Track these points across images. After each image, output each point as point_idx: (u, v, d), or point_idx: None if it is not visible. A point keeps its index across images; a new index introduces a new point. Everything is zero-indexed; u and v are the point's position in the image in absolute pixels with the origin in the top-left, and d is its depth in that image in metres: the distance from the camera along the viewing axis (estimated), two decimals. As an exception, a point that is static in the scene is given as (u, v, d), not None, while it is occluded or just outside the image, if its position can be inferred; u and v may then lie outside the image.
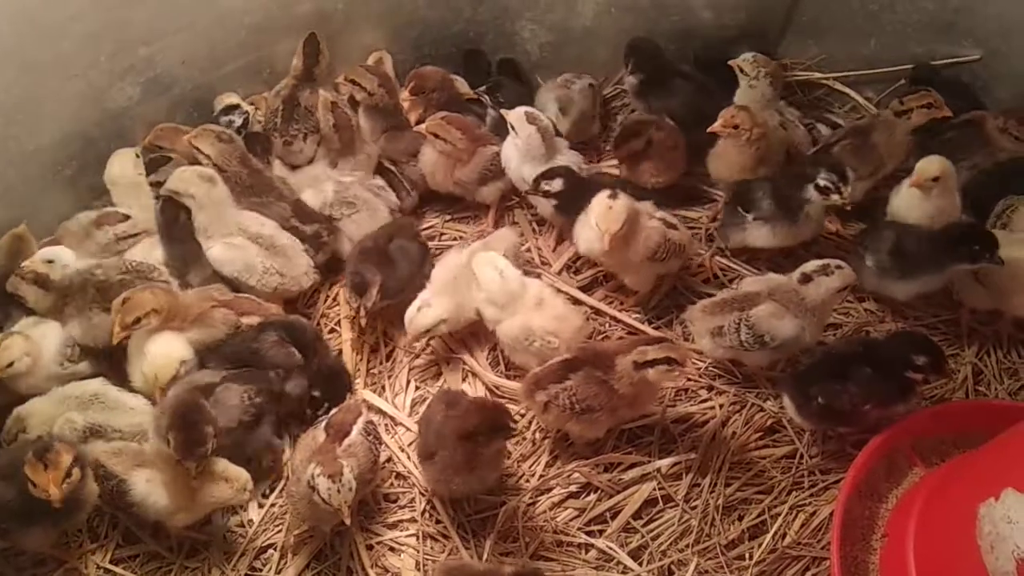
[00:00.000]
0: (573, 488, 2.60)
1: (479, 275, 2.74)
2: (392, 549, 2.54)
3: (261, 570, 2.52)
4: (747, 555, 2.49)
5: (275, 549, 2.53)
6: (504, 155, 3.14)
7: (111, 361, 2.77)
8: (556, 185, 2.97)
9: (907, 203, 2.93)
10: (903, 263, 2.81)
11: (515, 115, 3.05)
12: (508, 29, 3.55)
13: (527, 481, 2.62)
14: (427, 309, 2.76)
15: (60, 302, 2.74)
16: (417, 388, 2.88)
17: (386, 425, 2.77)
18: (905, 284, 2.84)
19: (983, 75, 3.41)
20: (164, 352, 2.61)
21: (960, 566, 2.04)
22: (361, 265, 2.84)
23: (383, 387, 2.87)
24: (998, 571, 1.91)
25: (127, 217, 2.98)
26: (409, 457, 2.68)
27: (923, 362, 2.46)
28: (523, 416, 2.74)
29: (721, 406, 2.77)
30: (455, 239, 3.24)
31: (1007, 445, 2.15)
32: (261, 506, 2.62)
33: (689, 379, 2.83)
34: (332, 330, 3.03)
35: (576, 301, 3.02)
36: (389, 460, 2.69)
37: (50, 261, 2.72)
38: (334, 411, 2.50)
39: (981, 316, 2.92)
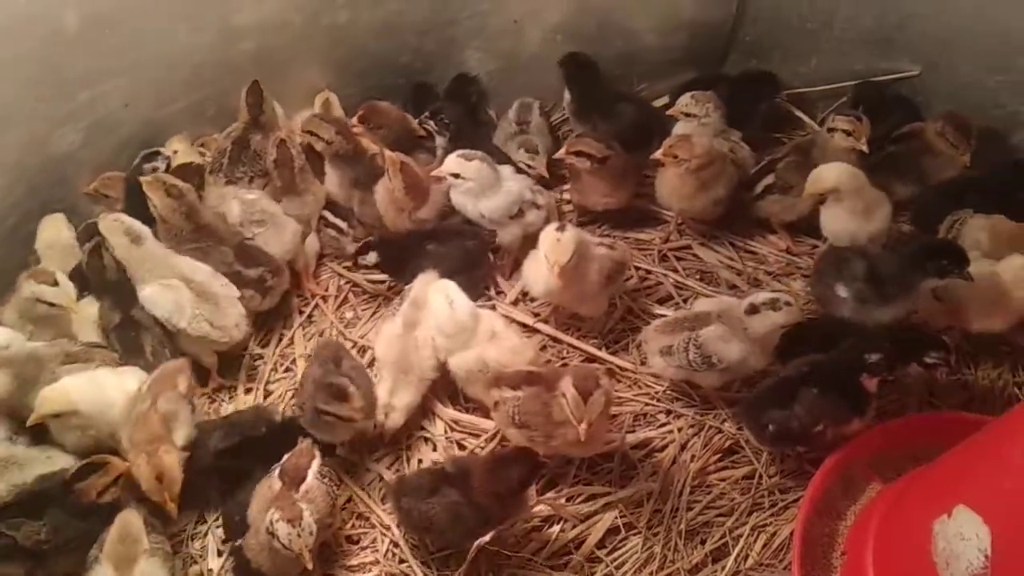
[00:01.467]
0: (536, 521, 2.59)
1: (431, 304, 2.75)
2: (356, 591, 2.52)
3: (222, 620, 2.48)
4: (711, 579, 2.50)
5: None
6: (458, 204, 3.13)
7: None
8: (371, 259, 3.05)
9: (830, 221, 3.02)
10: (882, 288, 2.78)
11: (453, 163, 3.04)
12: (455, 59, 3.56)
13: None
14: (394, 414, 2.71)
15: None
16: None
17: (346, 464, 2.75)
18: (888, 309, 2.79)
19: (923, 90, 3.48)
20: (72, 388, 2.54)
21: (918, 582, 2.06)
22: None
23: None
24: (954, 587, 1.93)
25: (56, 283, 2.77)
26: (370, 496, 2.66)
27: (875, 359, 2.47)
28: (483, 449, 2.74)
29: (680, 429, 2.78)
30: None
31: (957, 461, 2.18)
32: (220, 554, 2.58)
33: (647, 403, 2.85)
34: (288, 368, 3.02)
35: (532, 330, 3.04)
36: (350, 500, 2.66)
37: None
38: (286, 457, 2.45)
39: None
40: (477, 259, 3.11)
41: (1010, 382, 2.87)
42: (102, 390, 2.58)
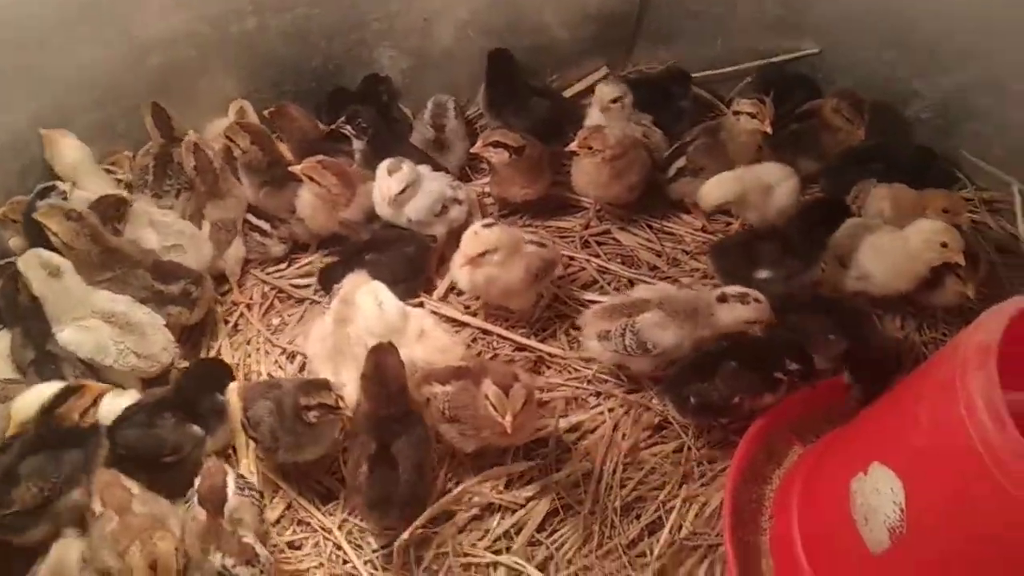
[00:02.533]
0: (475, 511, 2.64)
1: (361, 306, 2.76)
2: (303, 597, 2.54)
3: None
4: (648, 551, 2.58)
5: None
6: (382, 210, 3.15)
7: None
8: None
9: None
10: (799, 260, 2.91)
11: (388, 175, 3.05)
12: (367, 58, 3.56)
13: (429, 510, 2.64)
14: (346, 389, 2.67)
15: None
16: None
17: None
18: (809, 272, 2.94)
19: (823, 68, 3.63)
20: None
21: (840, 538, 2.16)
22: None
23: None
24: (873, 541, 2.04)
25: None
26: (310, 501, 2.68)
27: (794, 368, 2.58)
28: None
29: (610, 410, 2.85)
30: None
31: (870, 421, 2.29)
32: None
33: (578, 387, 2.92)
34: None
35: (462, 324, 3.08)
36: (289, 507, 2.67)
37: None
38: (197, 481, 2.35)
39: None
40: (418, 266, 3.13)
41: (917, 341, 3.02)
42: None
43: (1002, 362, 1.76)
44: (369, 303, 2.75)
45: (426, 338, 2.76)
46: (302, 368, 2.93)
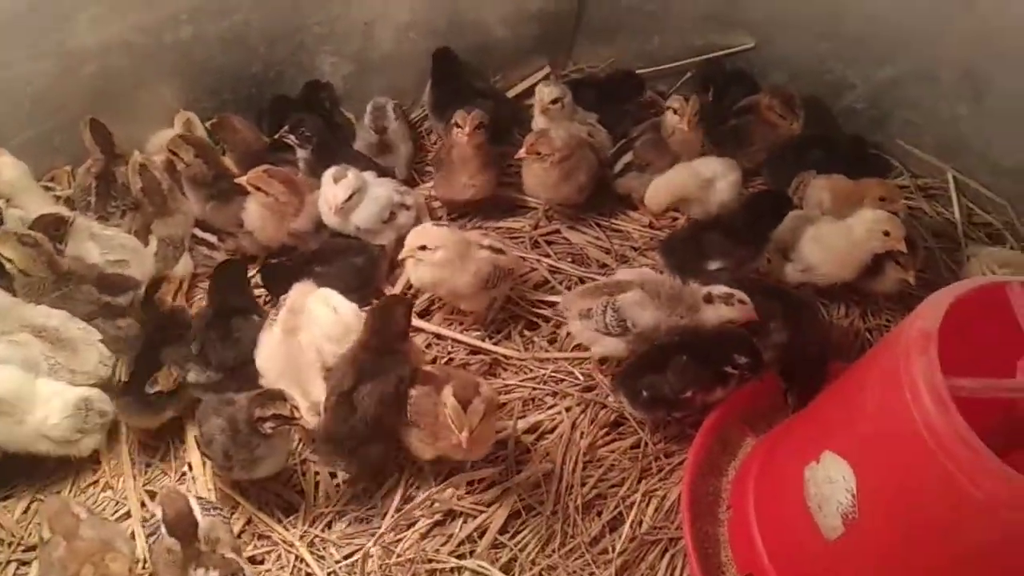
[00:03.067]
0: (438, 517, 2.64)
1: (314, 315, 2.75)
2: (268, 611, 2.52)
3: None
4: (610, 548, 2.61)
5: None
6: (329, 220, 3.12)
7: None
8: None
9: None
10: (746, 249, 2.98)
11: (333, 183, 3.03)
12: (308, 64, 3.54)
13: (392, 517, 2.65)
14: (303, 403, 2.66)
15: None
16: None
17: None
18: (757, 259, 3.03)
19: (759, 62, 3.70)
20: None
21: (796, 526, 2.21)
22: None
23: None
24: (827, 527, 2.09)
25: None
26: (270, 515, 2.66)
27: (743, 362, 2.63)
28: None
29: (567, 409, 2.88)
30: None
31: (820, 410, 2.36)
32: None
33: (535, 388, 2.94)
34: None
35: (415, 329, 3.07)
36: (250, 522, 2.65)
37: None
38: (158, 512, 2.35)
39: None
40: (368, 276, 3.12)
41: (862, 329, 3.10)
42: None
43: (944, 348, 1.83)
44: (323, 310, 2.75)
45: None
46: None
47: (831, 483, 2.08)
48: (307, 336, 2.75)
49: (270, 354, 2.73)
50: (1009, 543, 1.78)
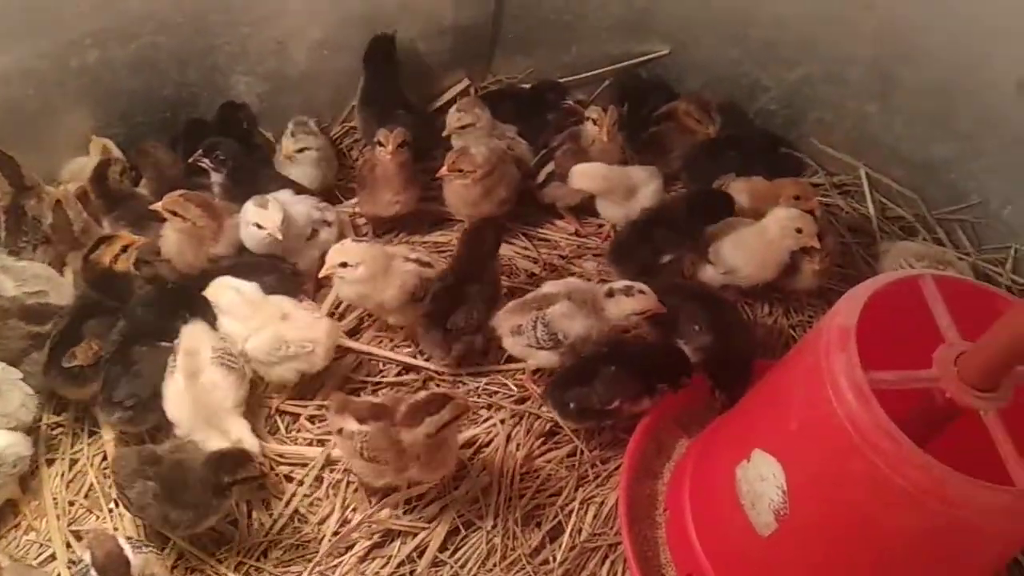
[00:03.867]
0: (376, 538, 2.61)
1: (218, 301, 2.79)
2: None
3: None
4: (551, 558, 2.61)
5: None
6: (249, 240, 3.05)
7: None
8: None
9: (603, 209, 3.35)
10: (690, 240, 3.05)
11: (262, 209, 2.97)
12: (221, 85, 3.47)
13: (329, 541, 2.60)
14: (248, 443, 2.65)
15: None
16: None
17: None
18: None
19: (675, 68, 3.75)
20: None
21: (731, 525, 2.24)
22: None
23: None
24: (761, 524, 2.12)
25: None
26: (203, 548, 2.58)
27: (675, 377, 2.66)
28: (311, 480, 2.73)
29: (502, 421, 2.87)
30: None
31: (748, 408, 2.39)
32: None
33: (471, 401, 2.92)
34: (92, 433, 2.85)
35: (344, 349, 3.03)
36: (182, 557, 2.57)
37: None
38: (86, 555, 2.26)
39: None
40: (279, 293, 3.00)
41: (785, 326, 3.17)
42: None
43: (864, 342, 1.87)
44: (227, 294, 2.79)
45: (290, 319, 2.79)
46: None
47: (762, 480, 2.11)
48: (208, 374, 2.68)
49: (178, 402, 2.65)
50: (932, 530, 1.83)
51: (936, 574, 2.02)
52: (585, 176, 3.22)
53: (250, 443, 2.64)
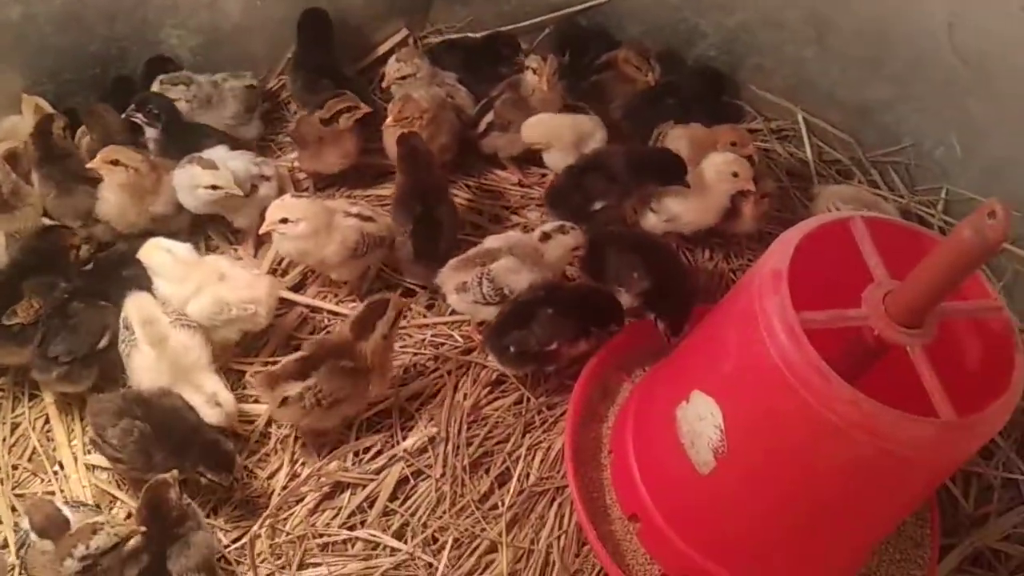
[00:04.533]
0: (325, 490, 2.63)
1: (151, 265, 2.74)
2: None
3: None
4: (500, 503, 2.65)
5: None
6: (186, 201, 3.02)
7: None
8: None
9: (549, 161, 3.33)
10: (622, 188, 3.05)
11: (204, 170, 2.94)
12: (152, 39, 3.37)
13: (279, 496, 2.62)
14: (225, 401, 2.64)
15: None
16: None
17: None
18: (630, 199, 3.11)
19: (615, 16, 3.73)
20: None
21: (672, 463, 2.30)
22: None
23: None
24: (700, 462, 2.19)
25: None
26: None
27: (614, 330, 2.73)
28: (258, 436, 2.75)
29: (449, 372, 2.89)
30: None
31: (687, 352, 2.45)
32: None
33: (415, 354, 2.94)
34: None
35: (289, 303, 3.02)
36: (129, 517, 2.55)
37: None
38: (25, 523, 2.30)
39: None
40: None
41: (726, 270, 3.22)
42: None
43: (796, 283, 1.92)
44: (160, 256, 2.74)
45: (228, 280, 2.75)
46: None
47: (701, 420, 2.17)
48: (175, 336, 2.66)
49: (153, 374, 2.61)
50: (863, 462, 1.90)
51: (868, 504, 2.10)
52: (538, 124, 3.21)
53: (225, 399, 2.62)
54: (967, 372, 2.10)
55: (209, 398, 2.60)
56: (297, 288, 3.10)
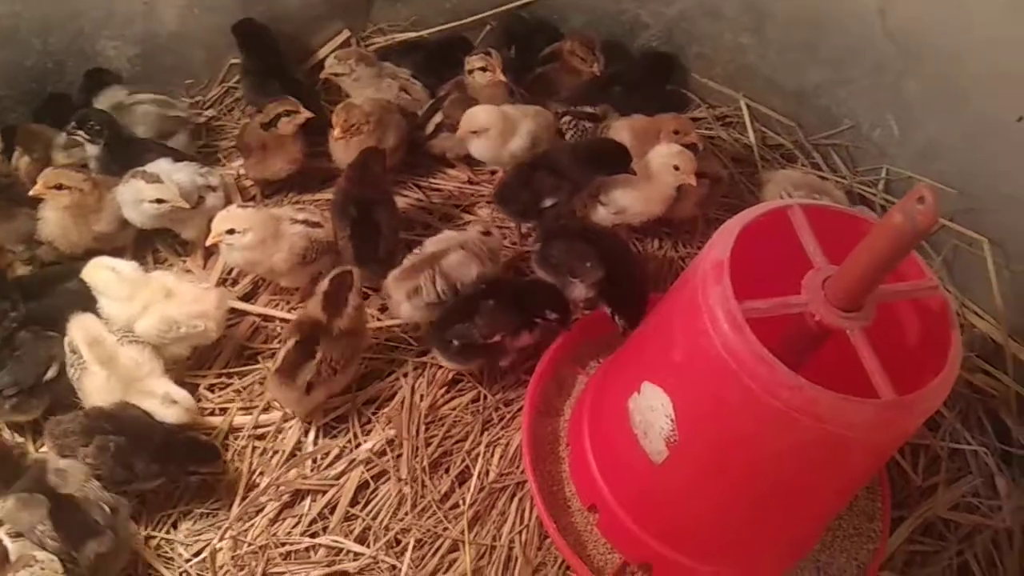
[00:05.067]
0: (285, 499, 2.63)
1: (95, 285, 2.71)
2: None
3: None
4: (461, 501, 2.67)
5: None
6: (132, 215, 2.99)
7: None
8: None
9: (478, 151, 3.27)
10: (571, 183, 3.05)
11: (149, 184, 2.92)
12: (88, 51, 3.33)
13: (238, 507, 2.61)
14: (180, 398, 2.65)
15: None
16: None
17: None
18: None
19: (558, 8, 3.76)
20: None
21: (627, 454, 2.33)
22: None
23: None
24: (654, 452, 2.22)
25: None
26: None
27: (553, 317, 2.74)
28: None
29: (405, 375, 2.90)
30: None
31: (637, 344, 2.48)
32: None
33: (371, 358, 2.94)
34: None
35: (241, 312, 3.01)
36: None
37: None
38: None
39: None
40: None
41: (675, 259, 3.26)
42: None
43: (739, 271, 1.96)
44: (103, 275, 2.70)
45: (175, 296, 2.72)
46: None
47: (652, 411, 2.20)
48: (125, 354, 2.65)
49: (106, 393, 2.58)
50: (808, 446, 1.94)
51: (818, 485, 2.14)
52: (482, 112, 3.19)
53: (179, 395, 2.62)
54: (908, 350, 2.15)
55: (163, 399, 2.60)
56: (248, 297, 3.09)
